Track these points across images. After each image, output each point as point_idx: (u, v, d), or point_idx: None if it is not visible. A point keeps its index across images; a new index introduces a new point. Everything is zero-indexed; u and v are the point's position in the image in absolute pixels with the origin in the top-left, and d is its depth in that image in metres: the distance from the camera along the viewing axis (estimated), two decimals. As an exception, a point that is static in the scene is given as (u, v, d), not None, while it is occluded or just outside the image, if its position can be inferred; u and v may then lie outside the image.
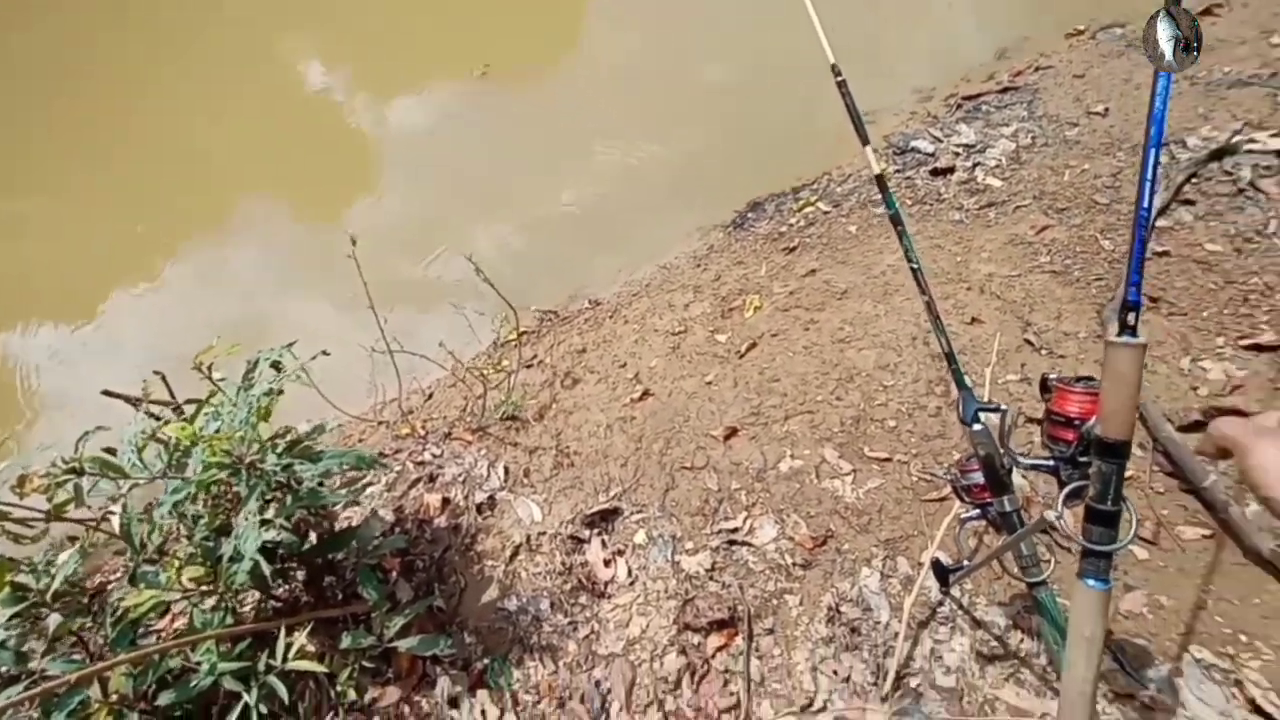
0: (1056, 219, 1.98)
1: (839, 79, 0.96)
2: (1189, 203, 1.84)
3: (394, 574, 1.42)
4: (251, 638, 1.13)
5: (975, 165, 2.27)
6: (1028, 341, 1.66)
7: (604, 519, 1.53)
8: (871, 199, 2.37)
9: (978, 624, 1.21)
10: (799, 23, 1.05)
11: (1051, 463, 0.72)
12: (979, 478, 0.89)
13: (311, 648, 1.11)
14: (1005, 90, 2.54)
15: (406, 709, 1.24)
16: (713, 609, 1.30)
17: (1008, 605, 1.22)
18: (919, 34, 2.72)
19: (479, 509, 1.61)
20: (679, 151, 2.88)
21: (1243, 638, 1.11)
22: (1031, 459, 0.74)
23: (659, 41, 3.36)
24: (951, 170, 2.30)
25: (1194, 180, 1.88)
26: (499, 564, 1.49)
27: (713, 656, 1.26)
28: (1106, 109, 2.29)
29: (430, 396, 2.24)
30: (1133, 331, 0.58)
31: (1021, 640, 1.18)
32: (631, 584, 1.40)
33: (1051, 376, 0.72)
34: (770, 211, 2.57)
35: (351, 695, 1.18)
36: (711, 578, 1.38)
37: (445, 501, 1.62)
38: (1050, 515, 0.64)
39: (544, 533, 1.53)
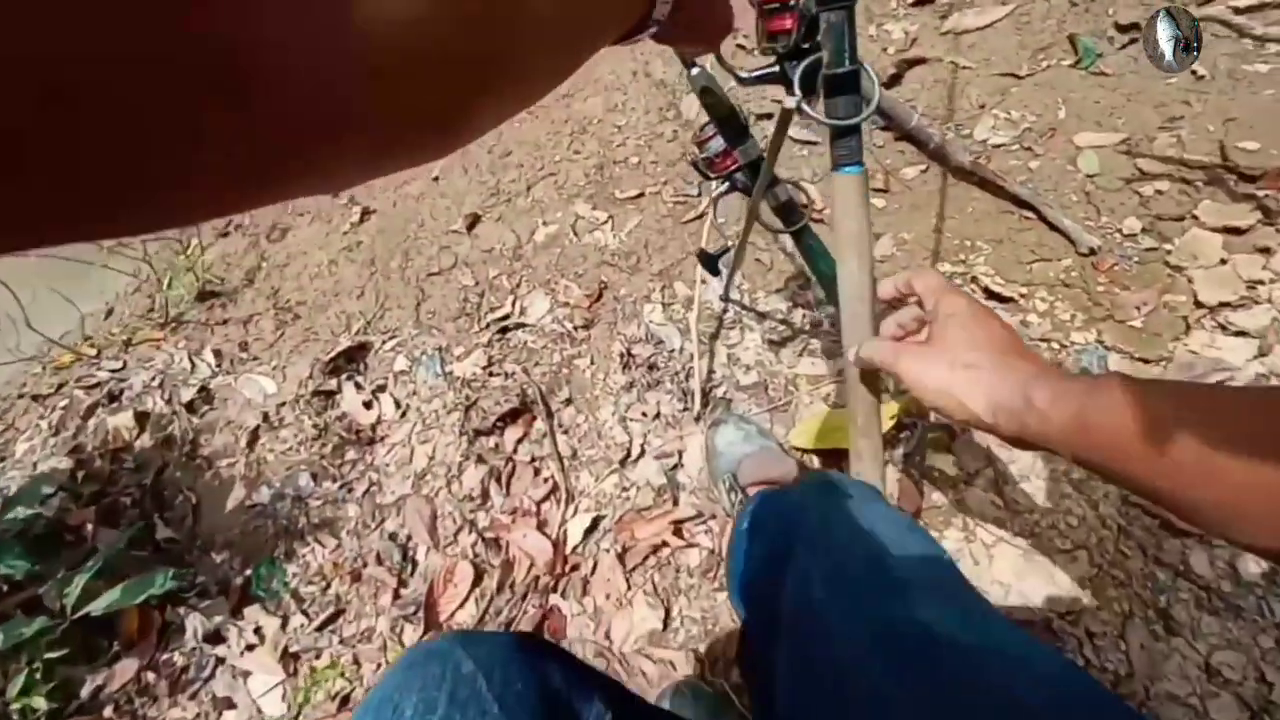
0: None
1: None
2: None
3: (87, 527, 1.07)
4: None
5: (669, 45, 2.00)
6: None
7: (351, 360, 1.27)
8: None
9: (762, 316, 1.18)
10: None
11: (776, 68, 0.57)
12: (718, 142, 0.75)
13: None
14: None
15: (153, 676, 0.97)
16: (500, 403, 1.14)
17: (783, 290, 1.20)
18: None
19: (190, 408, 1.26)
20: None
21: (967, 243, 1.18)
22: (754, 71, 0.59)
23: None
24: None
25: None
26: (236, 459, 1.19)
27: (514, 451, 1.13)
28: None
29: (110, 313, 1.71)
30: None
31: (804, 316, 1.17)
32: (403, 415, 1.19)
33: None
34: None
35: (40, 705, 0.87)
36: (491, 374, 1.21)
37: (142, 417, 1.25)
38: (790, 102, 0.50)
39: (283, 403, 1.24)
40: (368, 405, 1.20)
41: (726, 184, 0.82)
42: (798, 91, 0.51)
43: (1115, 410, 0.34)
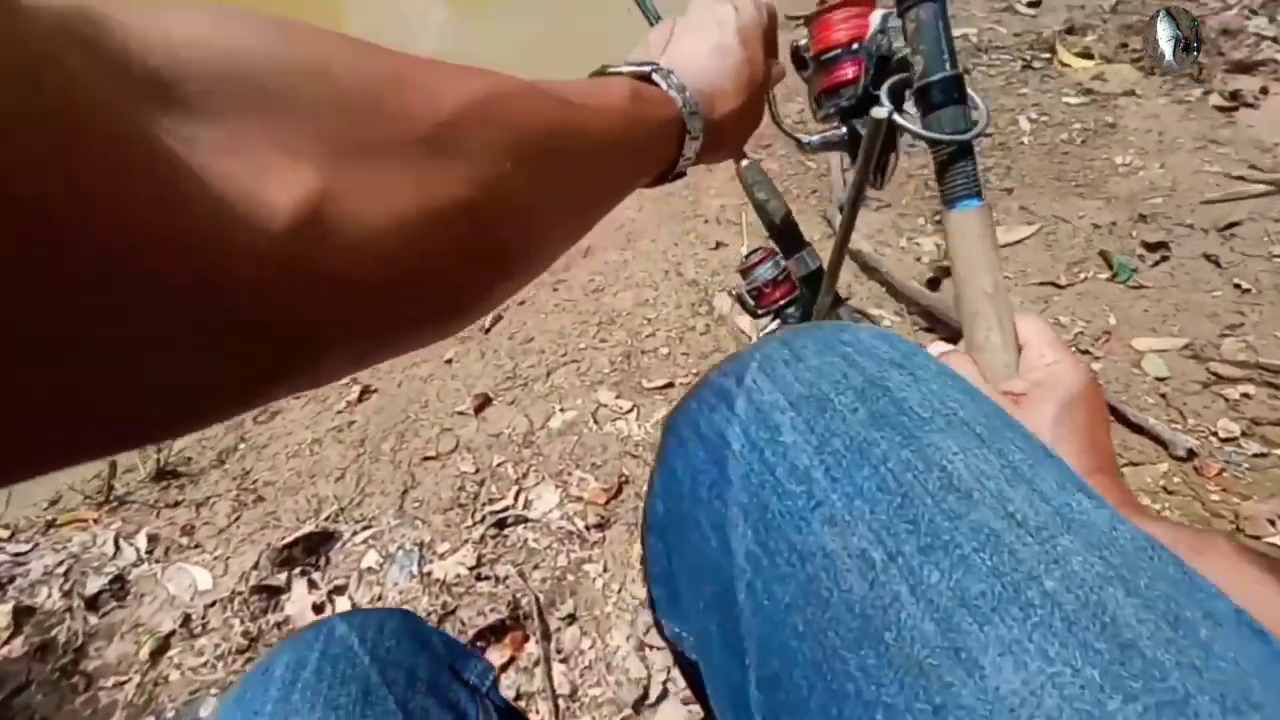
0: (763, 152, 2.03)
1: None
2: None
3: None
4: None
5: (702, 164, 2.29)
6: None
7: (311, 551, 1.04)
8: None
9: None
10: None
11: (842, 129, 0.49)
12: (767, 268, 0.66)
13: None
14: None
15: None
16: (484, 614, 0.89)
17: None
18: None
19: (93, 604, 1.00)
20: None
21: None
22: (817, 136, 0.51)
23: None
24: (684, 174, 2.29)
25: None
26: (128, 677, 0.90)
27: (496, 680, 0.85)
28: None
29: (56, 501, 1.49)
30: None
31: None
32: (361, 624, 0.93)
33: (801, 42, 0.51)
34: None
35: None
36: (479, 576, 0.97)
37: (24, 613, 0.98)
38: (879, 112, 0.40)
39: (214, 601, 0.98)
40: (318, 609, 0.94)
41: (776, 321, 0.70)
42: (886, 102, 0.41)
43: (1224, 574, 0.25)
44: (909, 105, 0.41)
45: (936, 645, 0.18)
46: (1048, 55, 1.89)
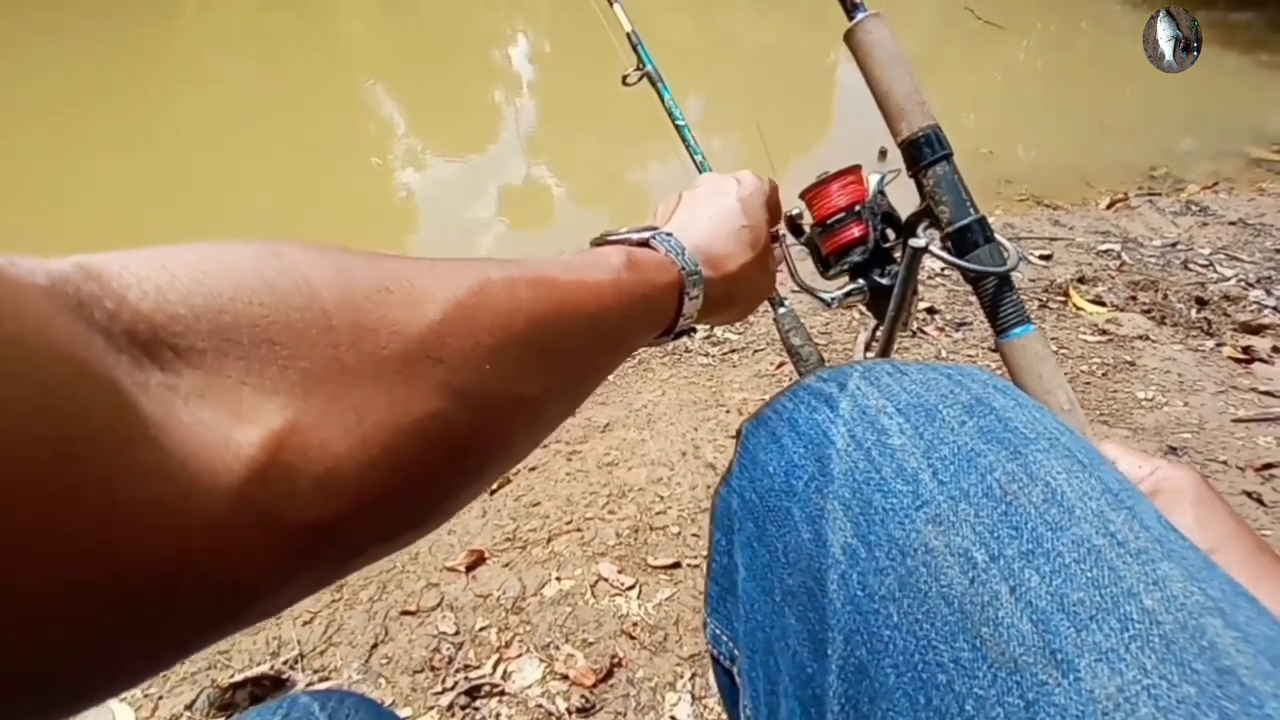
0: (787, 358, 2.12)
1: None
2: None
3: None
4: None
5: (712, 325, 2.43)
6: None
7: (256, 697, 0.92)
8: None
9: None
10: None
11: (860, 283, 0.53)
12: None
13: None
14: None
15: None
16: (434, 801, 0.75)
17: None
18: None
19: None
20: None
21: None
22: (839, 291, 0.55)
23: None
24: (693, 330, 2.42)
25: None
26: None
27: None
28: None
29: None
30: (861, 7, 0.48)
31: None
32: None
33: (795, 211, 0.57)
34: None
35: None
36: (437, 754, 0.83)
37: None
38: (917, 242, 0.43)
39: (128, 748, 0.85)
40: (242, 772, 0.80)
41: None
42: (923, 235, 0.42)
43: None
44: (935, 246, 0.44)
45: (1032, 644, 0.19)
46: (1062, 299, 2.02)
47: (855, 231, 0.52)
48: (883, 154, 2.79)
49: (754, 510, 0.30)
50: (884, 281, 0.52)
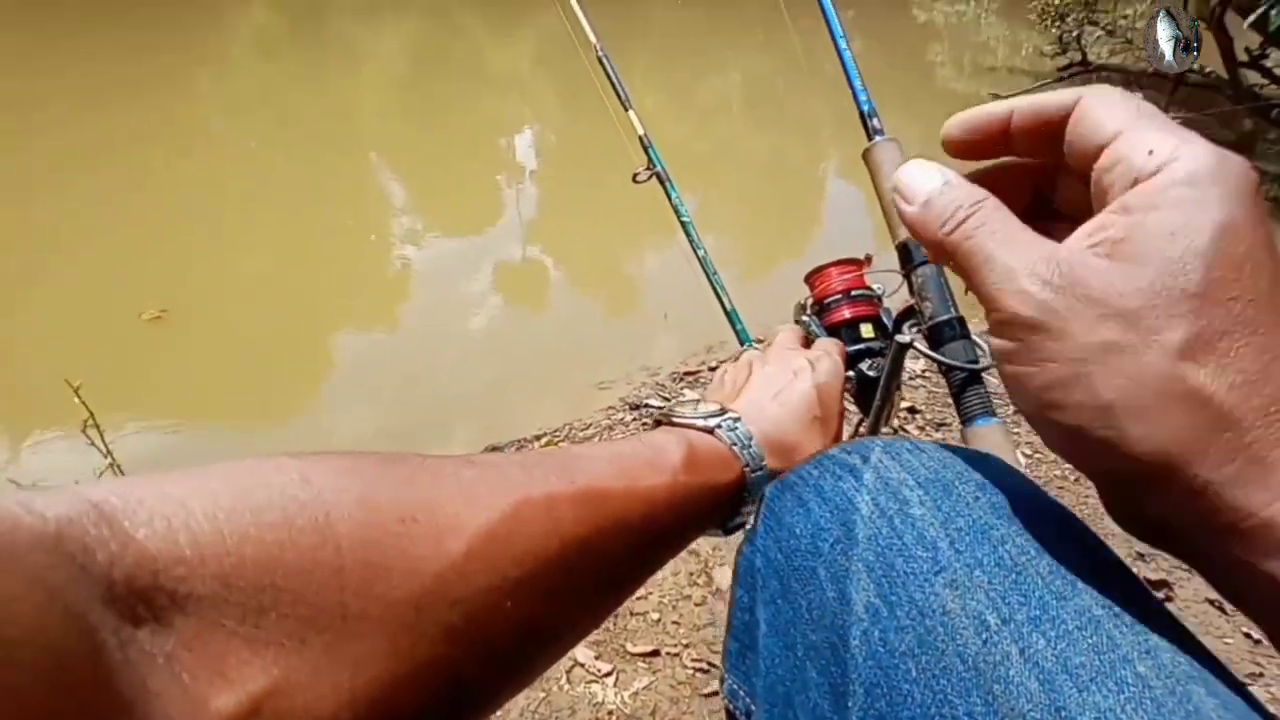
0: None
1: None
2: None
3: None
4: None
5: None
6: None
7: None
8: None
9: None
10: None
11: (849, 374, 0.58)
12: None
13: None
14: (714, 369, 2.97)
15: None
16: None
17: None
18: (649, 332, 3.17)
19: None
20: (427, 396, 2.70)
21: None
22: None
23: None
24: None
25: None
26: None
27: None
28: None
29: None
30: (880, 133, 0.55)
31: None
32: None
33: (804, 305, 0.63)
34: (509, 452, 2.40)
35: None
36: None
37: None
38: (903, 338, 0.48)
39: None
40: None
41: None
42: (907, 332, 0.47)
43: None
44: (919, 342, 0.48)
45: (1040, 702, 0.21)
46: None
47: (846, 313, 0.57)
48: (868, 259, 2.96)
49: (779, 569, 0.31)
50: (871, 374, 0.56)
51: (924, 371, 2.21)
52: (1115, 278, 0.20)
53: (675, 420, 0.39)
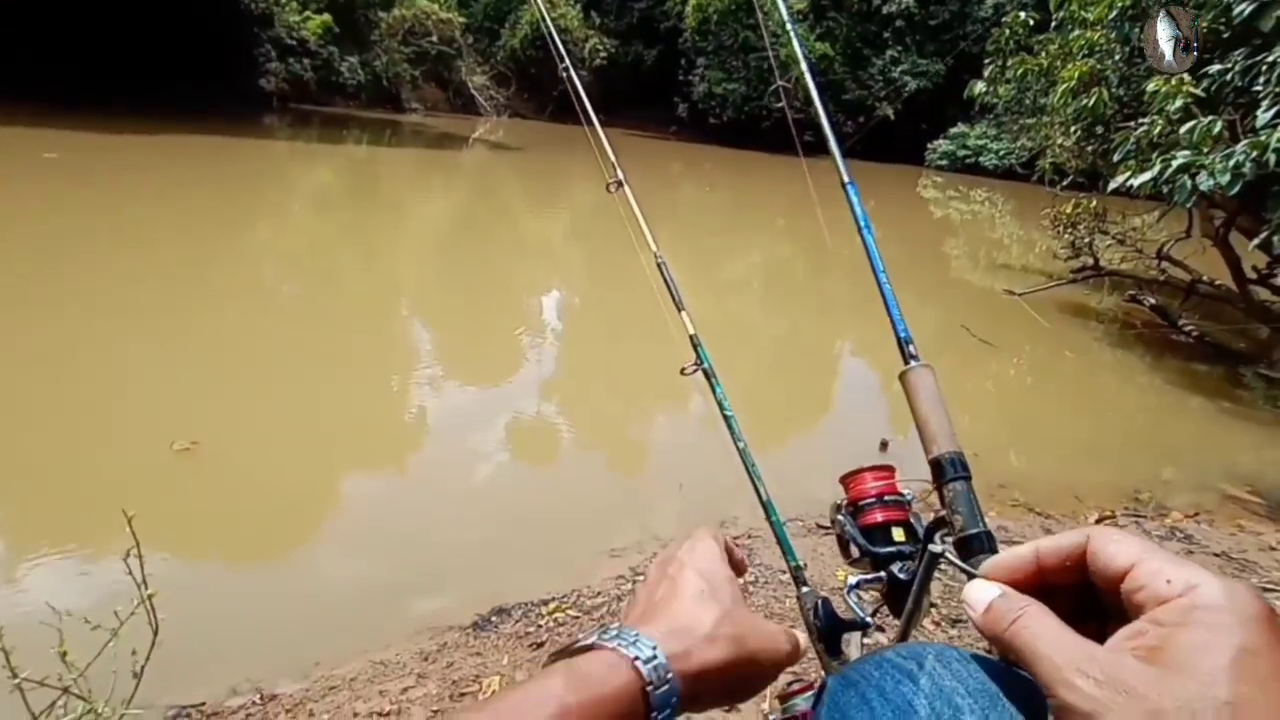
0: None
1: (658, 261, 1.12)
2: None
3: None
4: None
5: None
6: None
7: None
8: (618, 609, 2.30)
9: None
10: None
11: (880, 574, 0.61)
12: (804, 700, 0.68)
13: None
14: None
15: None
16: None
17: None
18: (662, 501, 3.15)
19: None
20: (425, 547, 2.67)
21: None
22: (856, 576, 0.62)
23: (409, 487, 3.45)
24: None
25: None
26: None
27: None
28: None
29: None
30: (916, 358, 0.61)
31: None
32: None
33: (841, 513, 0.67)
34: (517, 617, 2.32)
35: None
36: None
37: None
38: (935, 549, 0.52)
39: None
40: None
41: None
42: (939, 543, 0.50)
43: None
44: (950, 553, 0.52)
45: None
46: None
47: (879, 516, 0.61)
48: (884, 445, 3.01)
49: None
50: (902, 577, 0.59)
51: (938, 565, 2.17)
52: (1153, 678, 0.27)
53: (557, 653, 0.38)
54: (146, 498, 2.43)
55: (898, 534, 0.62)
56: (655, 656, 0.35)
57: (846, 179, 0.74)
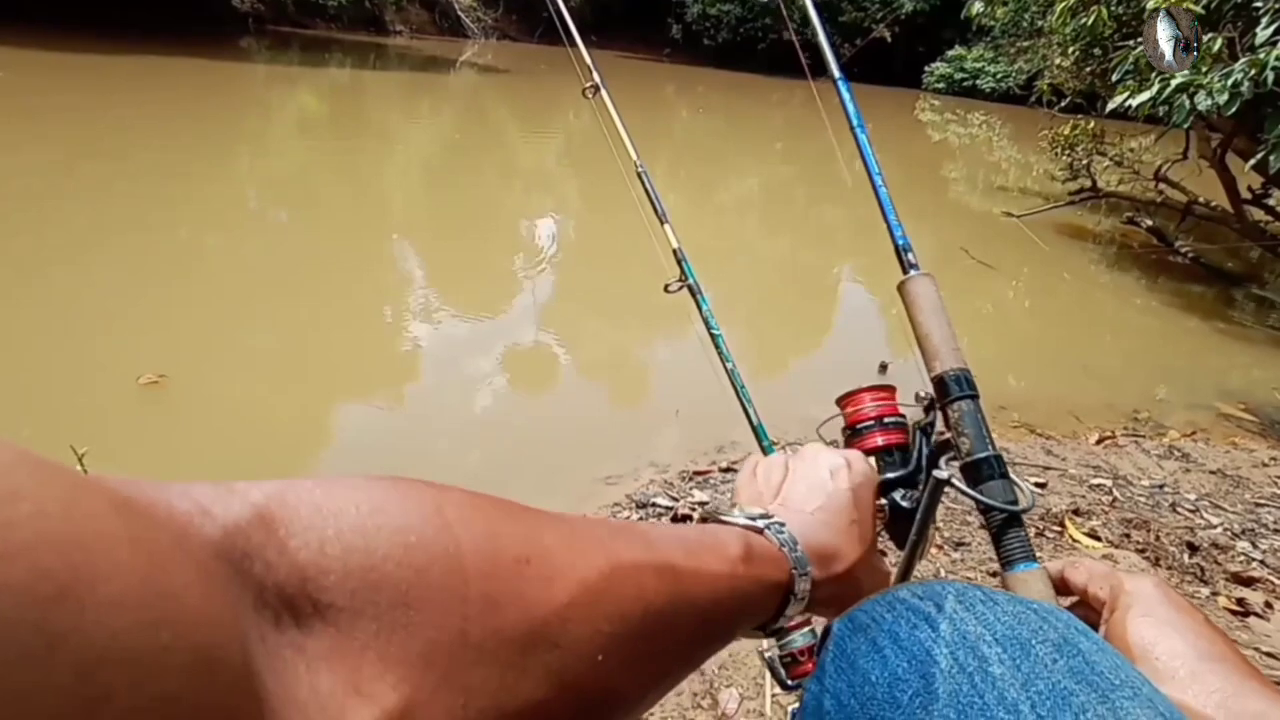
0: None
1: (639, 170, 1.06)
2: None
3: None
4: None
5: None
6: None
7: None
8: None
9: None
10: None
11: (882, 502, 0.57)
12: (803, 636, 0.66)
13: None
14: (725, 470, 2.94)
15: None
16: None
17: None
18: (659, 428, 3.16)
19: None
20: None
21: None
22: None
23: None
24: (690, 517, 2.42)
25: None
26: None
27: None
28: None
29: None
30: (915, 267, 0.56)
31: None
32: None
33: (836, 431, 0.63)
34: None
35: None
36: None
37: None
38: (941, 474, 0.48)
39: None
40: None
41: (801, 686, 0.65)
42: (945, 467, 0.47)
43: None
44: (956, 478, 0.48)
45: None
46: (1059, 528, 2.04)
47: (879, 440, 0.57)
48: (883, 367, 2.99)
49: (852, 714, 0.31)
50: (905, 505, 0.55)
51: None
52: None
53: (723, 519, 0.39)
54: (104, 436, 2.26)
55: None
56: (806, 573, 0.38)
57: (837, 75, 0.65)
